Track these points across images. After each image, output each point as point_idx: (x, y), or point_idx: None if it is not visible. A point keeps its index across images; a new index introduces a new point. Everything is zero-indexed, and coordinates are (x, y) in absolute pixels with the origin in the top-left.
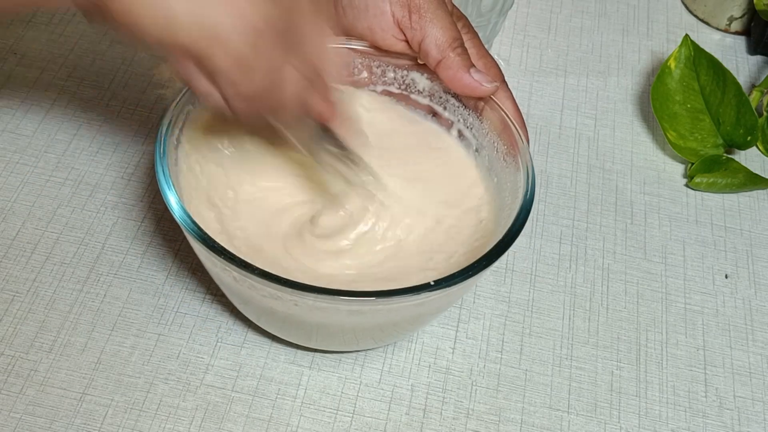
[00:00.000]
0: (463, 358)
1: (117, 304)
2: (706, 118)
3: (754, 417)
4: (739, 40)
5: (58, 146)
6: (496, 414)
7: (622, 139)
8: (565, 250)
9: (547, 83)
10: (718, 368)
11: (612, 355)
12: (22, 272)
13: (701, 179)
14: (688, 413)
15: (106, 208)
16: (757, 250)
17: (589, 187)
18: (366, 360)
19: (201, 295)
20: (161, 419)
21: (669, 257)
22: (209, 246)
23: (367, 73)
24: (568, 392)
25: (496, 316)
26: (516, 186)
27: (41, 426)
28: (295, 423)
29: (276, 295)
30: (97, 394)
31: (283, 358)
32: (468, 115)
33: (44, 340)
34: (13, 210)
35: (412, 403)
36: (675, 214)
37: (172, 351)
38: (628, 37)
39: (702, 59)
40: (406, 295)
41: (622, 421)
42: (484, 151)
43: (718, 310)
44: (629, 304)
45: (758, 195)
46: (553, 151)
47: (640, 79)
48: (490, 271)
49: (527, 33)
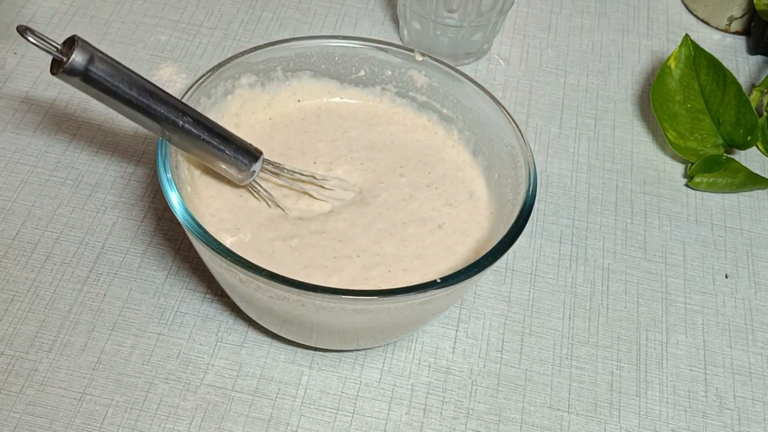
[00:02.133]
0: (463, 358)
1: (117, 304)
2: (706, 118)
3: (754, 417)
4: (739, 40)
5: (58, 146)
6: (496, 414)
7: (622, 139)
8: (565, 250)
9: (547, 83)
10: (718, 368)
11: (612, 355)
12: (22, 272)
13: (701, 179)
14: (688, 413)
15: (106, 208)
16: (757, 250)
17: (589, 186)
18: (366, 359)
19: (201, 294)
20: (161, 419)
21: (669, 257)
22: (214, 248)
23: (365, 72)
24: (568, 392)
25: (496, 316)
26: (517, 182)
27: (41, 426)
28: (295, 422)
29: (282, 296)
30: (97, 393)
31: (283, 358)
32: (467, 113)
33: (44, 340)
34: (13, 210)
35: (412, 403)
36: (675, 214)
37: (172, 351)
38: (628, 37)
39: (702, 59)
40: (411, 293)
41: (622, 421)
42: (484, 148)
43: (718, 309)
44: (629, 304)
45: (758, 195)
46: (553, 151)
47: (640, 79)
48: (491, 270)
49: (527, 33)
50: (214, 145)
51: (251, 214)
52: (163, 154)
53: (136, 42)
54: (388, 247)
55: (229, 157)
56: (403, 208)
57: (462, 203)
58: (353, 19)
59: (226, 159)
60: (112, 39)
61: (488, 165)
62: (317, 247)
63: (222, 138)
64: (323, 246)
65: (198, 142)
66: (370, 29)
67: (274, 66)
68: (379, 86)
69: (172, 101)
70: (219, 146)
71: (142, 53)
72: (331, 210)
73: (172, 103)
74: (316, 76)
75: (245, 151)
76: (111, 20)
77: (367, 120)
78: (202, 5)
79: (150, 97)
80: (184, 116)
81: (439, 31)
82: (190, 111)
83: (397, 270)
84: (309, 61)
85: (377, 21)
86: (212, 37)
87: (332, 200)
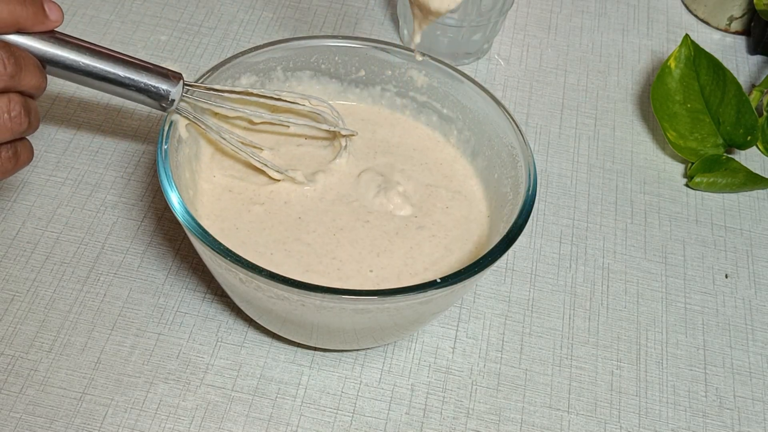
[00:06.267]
0: (463, 358)
1: (117, 304)
2: (706, 117)
3: (754, 417)
4: (739, 40)
5: (58, 146)
6: (496, 414)
7: (622, 138)
8: (566, 250)
9: (547, 83)
10: (718, 368)
11: (612, 355)
12: (22, 272)
13: (701, 179)
14: (688, 413)
15: (106, 208)
16: (757, 250)
17: (589, 186)
18: (366, 359)
19: (201, 294)
20: (161, 419)
21: (669, 257)
22: (214, 248)
23: (365, 72)
24: (568, 392)
25: (496, 316)
26: (517, 182)
27: (41, 426)
28: (295, 422)
29: (282, 296)
30: (97, 393)
31: (283, 358)
32: (467, 113)
33: (44, 339)
34: (13, 210)
35: (412, 403)
36: (675, 214)
37: (172, 350)
38: (628, 37)
39: (702, 59)
40: (411, 293)
41: (622, 421)
42: (484, 148)
43: (718, 310)
44: (629, 304)
45: (758, 195)
46: (553, 151)
47: (640, 78)
48: (491, 270)
49: (527, 33)
50: (119, 78)
51: (251, 214)
52: (164, 155)
53: (136, 42)
54: (388, 247)
55: (141, 88)
56: (403, 208)
57: (462, 203)
58: (353, 19)
59: (139, 90)
60: (112, 39)
61: (488, 165)
62: (316, 248)
63: (128, 68)
64: (323, 246)
65: (100, 81)
66: (370, 29)
67: (274, 66)
68: (379, 86)
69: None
70: (124, 79)
71: (142, 53)
72: (308, 182)
73: (73, 42)
74: (316, 76)
75: (159, 77)
76: (111, 20)
77: (367, 120)
78: (202, 5)
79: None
80: (84, 55)
81: (439, 31)
82: (90, 47)
83: (396, 270)
84: (309, 61)
85: (377, 21)
86: (212, 37)
87: (288, 173)
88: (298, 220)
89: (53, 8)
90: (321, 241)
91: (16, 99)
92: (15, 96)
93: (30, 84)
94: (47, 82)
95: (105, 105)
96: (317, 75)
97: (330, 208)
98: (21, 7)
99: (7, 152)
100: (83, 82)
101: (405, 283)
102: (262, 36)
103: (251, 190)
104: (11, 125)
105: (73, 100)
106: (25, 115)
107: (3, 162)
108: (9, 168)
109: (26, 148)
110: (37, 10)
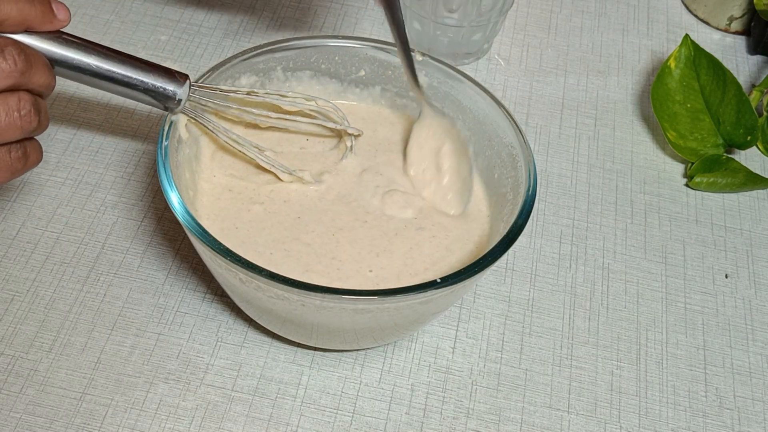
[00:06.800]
0: (463, 358)
1: (117, 304)
2: (706, 117)
3: (754, 417)
4: (739, 40)
5: (58, 146)
6: (496, 414)
7: (622, 138)
8: (566, 250)
9: (547, 83)
10: (718, 368)
11: (612, 355)
12: (22, 272)
13: (701, 179)
14: (688, 413)
15: (106, 208)
16: (757, 250)
17: (589, 186)
18: (366, 359)
19: (201, 294)
20: (161, 419)
21: (669, 257)
22: (215, 248)
23: (365, 72)
24: (568, 392)
25: (496, 316)
26: (517, 182)
27: (41, 426)
28: (296, 422)
29: (282, 296)
30: (97, 393)
31: (283, 358)
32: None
33: (44, 339)
34: (13, 210)
35: (412, 403)
36: (675, 214)
37: (172, 350)
38: (628, 37)
39: (702, 59)
40: (411, 293)
41: (622, 421)
42: (484, 148)
43: (718, 310)
44: (629, 304)
45: (758, 195)
46: (553, 151)
47: (640, 79)
48: (491, 270)
49: (527, 33)
50: (126, 79)
51: (251, 214)
52: (164, 155)
53: (136, 42)
54: (388, 247)
55: (149, 89)
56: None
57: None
58: (353, 19)
59: (146, 91)
60: (112, 39)
61: (488, 165)
62: (316, 248)
63: (136, 69)
64: (322, 246)
65: (108, 82)
66: (370, 29)
67: (274, 66)
68: (379, 86)
69: (80, 42)
70: (132, 80)
71: (142, 53)
72: (312, 182)
73: (81, 44)
74: (316, 76)
75: (166, 77)
76: (111, 20)
77: (367, 119)
78: (202, 5)
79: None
80: (91, 55)
81: (439, 31)
82: (98, 48)
83: (396, 270)
84: (309, 61)
85: (377, 21)
86: (212, 37)
87: (296, 174)
88: (297, 220)
89: (61, 8)
90: (320, 241)
91: (26, 97)
92: (25, 94)
93: (39, 82)
94: (56, 81)
95: (105, 105)
96: (317, 75)
97: (329, 208)
98: (29, 6)
99: (17, 152)
100: (90, 82)
101: (405, 283)
102: (262, 36)
103: (251, 189)
104: (21, 123)
105: (73, 99)
106: (35, 113)
107: (12, 162)
108: (19, 168)
109: (35, 148)
110: (45, 9)
